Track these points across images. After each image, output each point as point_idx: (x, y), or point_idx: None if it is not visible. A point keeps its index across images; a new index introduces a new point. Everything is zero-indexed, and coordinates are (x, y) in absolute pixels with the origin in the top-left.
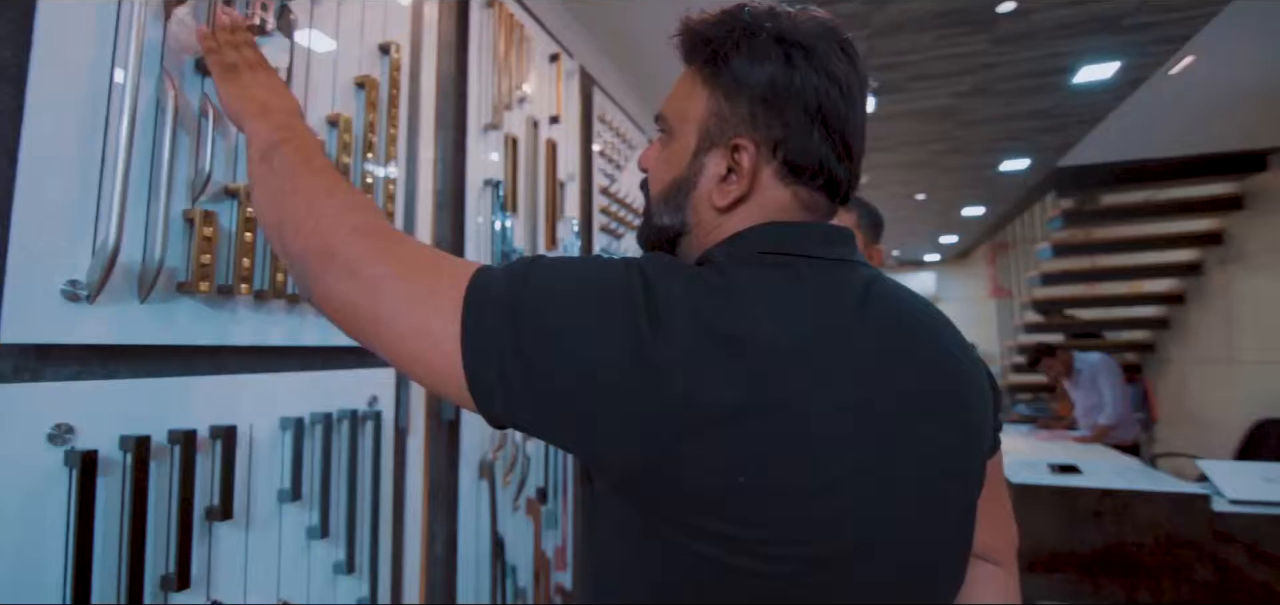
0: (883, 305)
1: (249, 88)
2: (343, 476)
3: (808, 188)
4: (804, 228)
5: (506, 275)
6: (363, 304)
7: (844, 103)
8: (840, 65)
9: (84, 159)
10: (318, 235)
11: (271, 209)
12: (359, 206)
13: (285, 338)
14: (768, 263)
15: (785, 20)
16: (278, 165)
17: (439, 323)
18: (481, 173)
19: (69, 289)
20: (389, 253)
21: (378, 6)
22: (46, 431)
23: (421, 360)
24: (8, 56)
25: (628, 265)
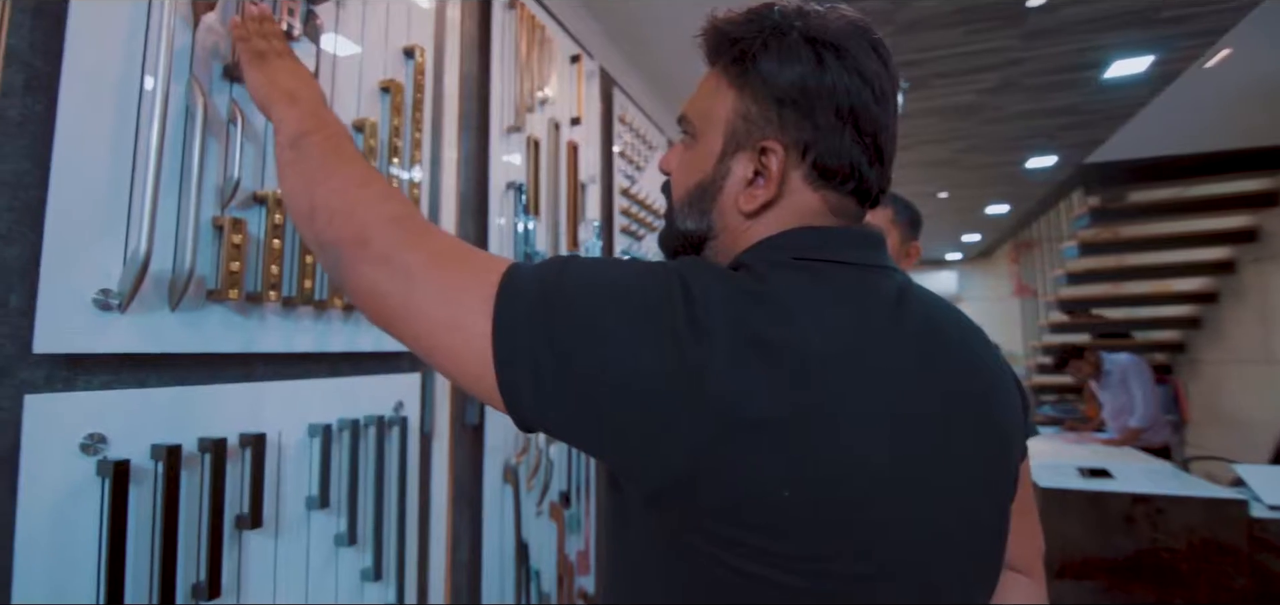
0: (916, 312)
1: (277, 75)
2: (370, 483)
3: (838, 192)
4: (837, 232)
5: (540, 272)
6: (395, 293)
7: (876, 104)
8: (872, 65)
9: (115, 167)
10: (352, 224)
11: (302, 196)
12: (392, 197)
13: (313, 344)
14: (803, 269)
15: (815, 19)
16: (308, 153)
17: (471, 317)
18: (504, 175)
19: (101, 298)
20: (423, 243)
21: (401, 9)
22: (79, 442)
23: (451, 353)
24: (39, 65)
25: (664, 268)
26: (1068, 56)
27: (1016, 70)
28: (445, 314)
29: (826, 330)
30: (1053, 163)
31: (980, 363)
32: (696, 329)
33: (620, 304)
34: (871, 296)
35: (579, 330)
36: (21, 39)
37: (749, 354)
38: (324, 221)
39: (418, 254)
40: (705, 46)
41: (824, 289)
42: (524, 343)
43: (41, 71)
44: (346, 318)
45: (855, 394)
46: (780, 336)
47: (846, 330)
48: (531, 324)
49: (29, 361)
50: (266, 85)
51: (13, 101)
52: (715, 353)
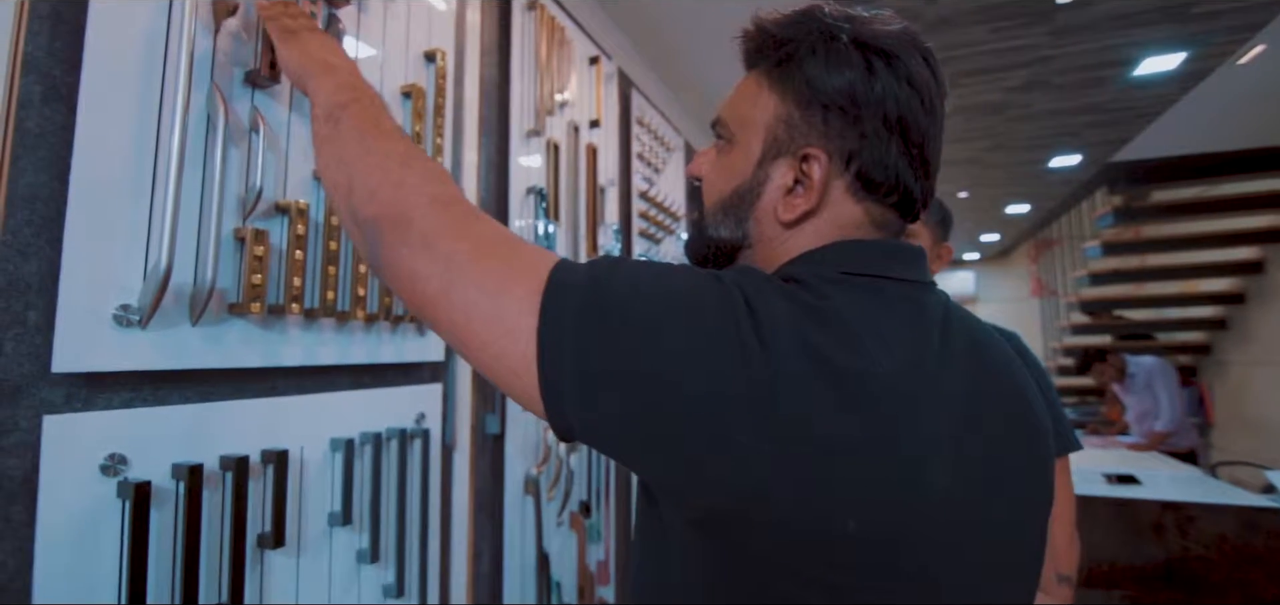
0: (960, 332)
1: (310, 47)
2: (392, 497)
3: (881, 204)
4: (884, 247)
5: (591, 270)
6: (435, 278)
7: (925, 114)
8: (923, 74)
9: (135, 179)
10: (394, 202)
11: (339, 171)
12: (436, 175)
13: (335, 356)
14: (860, 287)
15: (865, 24)
16: (346, 127)
17: (515, 312)
18: (524, 180)
19: (121, 314)
20: (468, 229)
21: (422, 13)
22: (99, 463)
23: (490, 349)
24: (58, 75)
25: (718, 277)
26: (1097, 53)
27: (1045, 68)
28: (487, 306)
29: (891, 354)
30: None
31: (1021, 381)
32: (762, 345)
33: (680, 311)
34: (924, 316)
35: (634, 335)
36: (39, 47)
37: (815, 375)
38: (363, 197)
39: (462, 240)
40: (745, 48)
41: (882, 308)
42: (571, 344)
43: (60, 81)
44: (368, 329)
45: (919, 422)
46: (846, 360)
47: (908, 354)
48: (581, 324)
49: (48, 381)
50: (300, 56)
51: (30, 112)
52: (781, 372)
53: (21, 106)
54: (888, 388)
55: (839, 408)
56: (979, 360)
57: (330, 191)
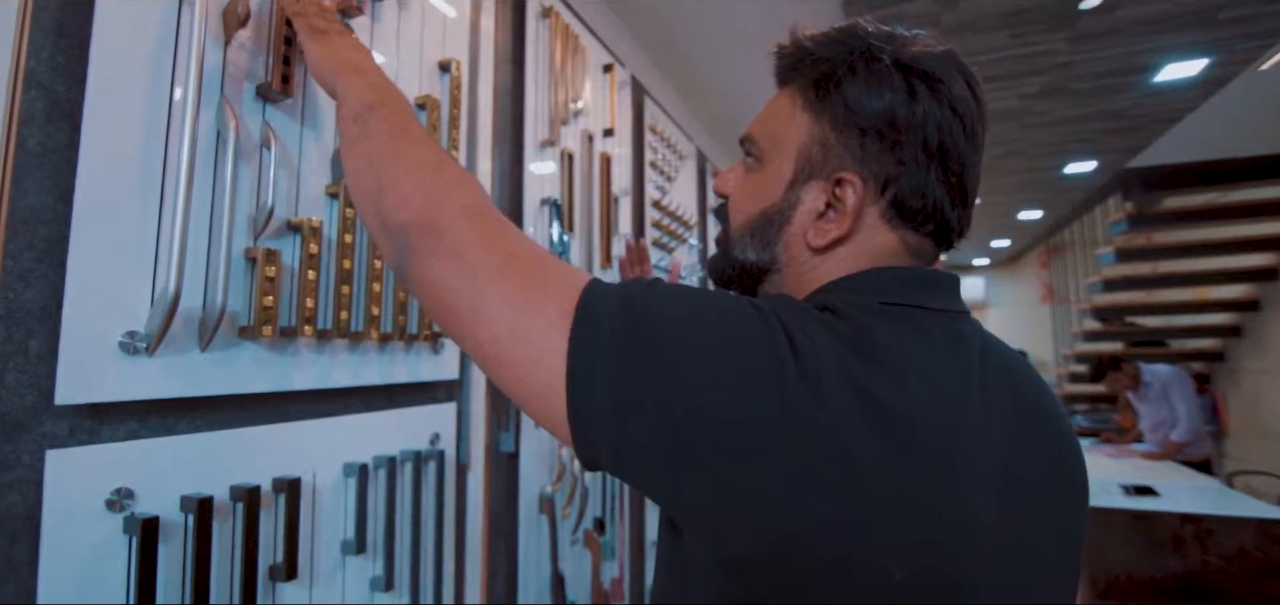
0: (997, 364)
1: (339, 48)
2: (406, 522)
3: (917, 233)
4: (921, 276)
5: (625, 292)
6: (463, 292)
7: (966, 141)
8: (966, 99)
9: (142, 198)
10: (426, 210)
11: (368, 174)
12: (466, 184)
13: (348, 378)
14: (895, 317)
15: (908, 45)
16: (376, 130)
17: (544, 332)
18: (539, 190)
19: (127, 341)
20: (499, 242)
21: (436, 23)
22: (105, 498)
23: (516, 368)
24: (61, 91)
25: (759, 307)
26: (1119, 60)
27: (1063, 74)
28: (515, 323)
29: (935, 391)
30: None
31: (1056, 412)
32: (804, 379)
33: (719, 341)
34: (965, 351)
35: (671, 365)
36: (41, 62)
37: (860, 414)
38: (393, 204)
39: (492, 254)
40: (779, 64)
41: (924, 342)
42: (604, 370)
43: (63, 97)
44: (382, 348)
45: (965, 465)
46: (891, 398)
47: (952, 393)
48: (614, 350)
49: (51, 413)
50: (328, 56)
51: (32, 130)
52: (824, 409)
53: (23, 124)
54: (934, 430)
55: (884, 449)
56: (1017, 394)
57: (357, 195)
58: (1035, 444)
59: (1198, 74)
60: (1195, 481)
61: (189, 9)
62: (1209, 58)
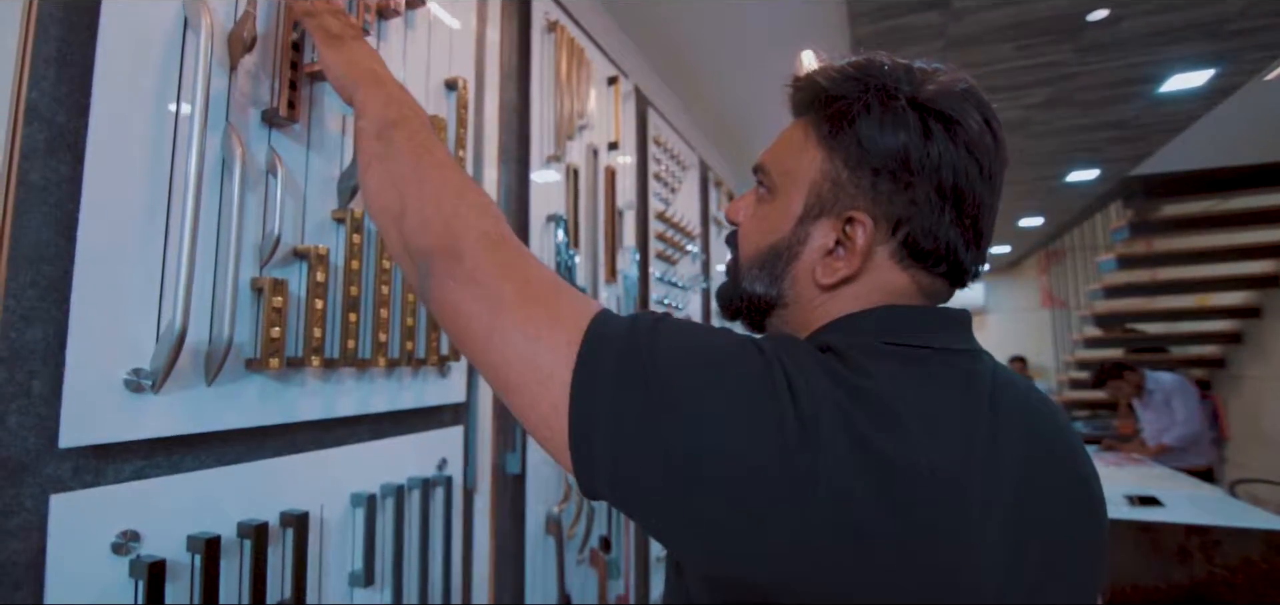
0: (1011, 405)
1: (356, 56)
2: (414, 552)
3: (929, 273)
4: (928, 314)
5: (631, 328)
6: (479, 317)
7: (982, 182)
8: (984, 140)
9: (146, 230)
10: (447, 235)
11: (391, 194)
12: (487, 210)
13: (355, 407)
14: (899, 358)
15: (925, 83)
16: (398, 148)
17: (550, 360)
18: (544, 206)
19: (133, 379)
20: (516, 270)
21: (443, 40)
22: (111, 541)
23: (524, 393)
24: (62, 121)
25: (762, 348)
26: (1124, 70)
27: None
28: (526, 350)
29: (937, 442)
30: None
31: (1075, 451)
32: (802, 426)
33: (720, 384)
34: (972, 392)
35: (670, 405)
36: (43, 93)
37: (857, 463)
38: (415, 226)
39: (509, 281)
40: (795, 95)
41: (928, 386)
42: (605, 404)
43: (65, 128)
44: (389, 374)
45: (966, 519)
46: (889, 447)
47: (955, 440)
48: (617, 385)
49: (54, 455)
50: (345, 65)
51: (34, 163)
52: (821, 458)
53: (25, 158)
54: (931, 482)
55: (879, 501)
56: (1032, 434)
57: (378, 214)
58: (1051, 485)
59: (1203, 84)
60: (1199, 491)
61: (194, 35)
62: (1215, 68)
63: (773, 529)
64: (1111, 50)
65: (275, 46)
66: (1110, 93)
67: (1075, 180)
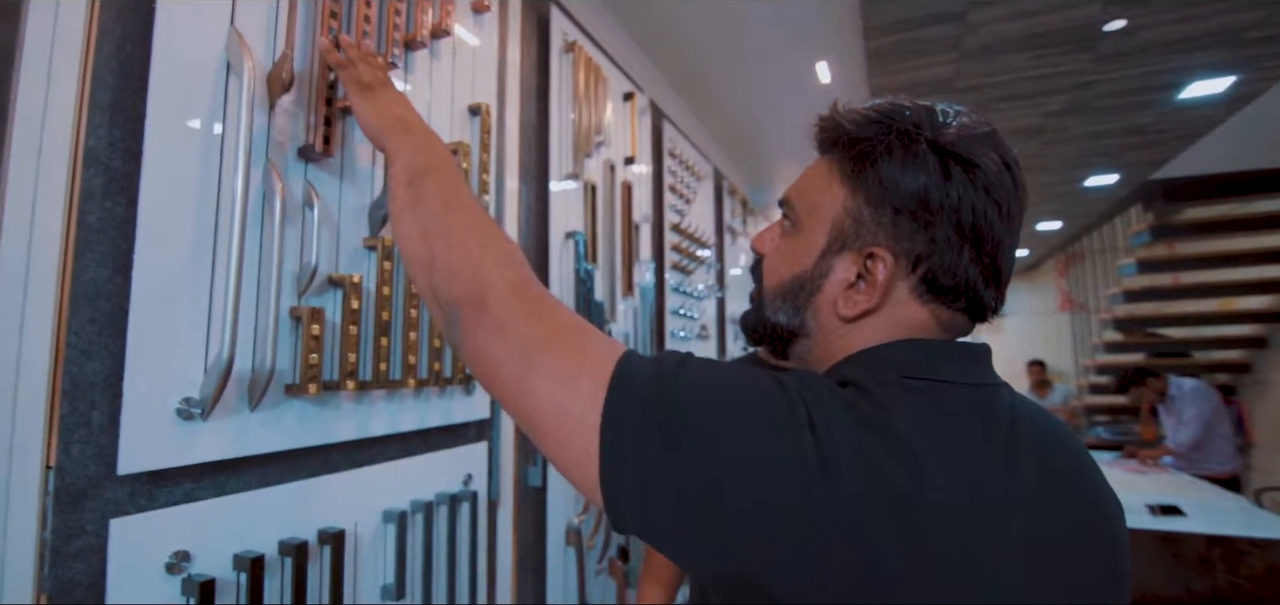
0: (1030, 436)
1: (386, 104)
2: (442, 565)
3: (949, 308)
4: (947, 349)
5: (656, 370)
6: (509, 364)
7: (1001, 222)
8: (1003, 183)
9: (195, 264)
10: (475, 285)
11: (420, 243)
12: (512, 259)
13: (385, 426)
14: (917, 392)
15: (947, 129)
16: (428, 196)
17: (580, 405)
18: (563, 224)
19: (183, 407)
20: (542, 317)
21: (466, 67)
22: (165, 561)
23: (556, 437)
24: (118, 166)
25: (784, 385)
26: (1142, 78)
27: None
28: (556, 395)
29: (953, 478)
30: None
31: (1094, 481)
32: (822, 464)
33: (741, 424)
34: (990, 426)
35: (694, 446)
36: (100, 139)
37: (873, 500)
38: (443, 277)
39: (536, 327)
40: (819, 133)
41: (945, 421)
42: (632, 447)
43: (120, 172)
44: (417, 394)
45: (981, 556)
46: (905, 484)
47: (972, 476)
48: (643, 429)
49: (113, 481)
50: (377, 115)
51: (92, 206)
52: (840, 494)
53: (83, 201)
54: (946, 520)
55: (894, 537)
56: (1050, 468)
57: (409, 262)
58: (1069, 518)
59: (1223, 91)
60: (1223, 500)
61: (236, 78)
62: (1235, 75)
63: (796, 564)
64: (1130, 58)
65: (310, 85)
66: (1128, 100)
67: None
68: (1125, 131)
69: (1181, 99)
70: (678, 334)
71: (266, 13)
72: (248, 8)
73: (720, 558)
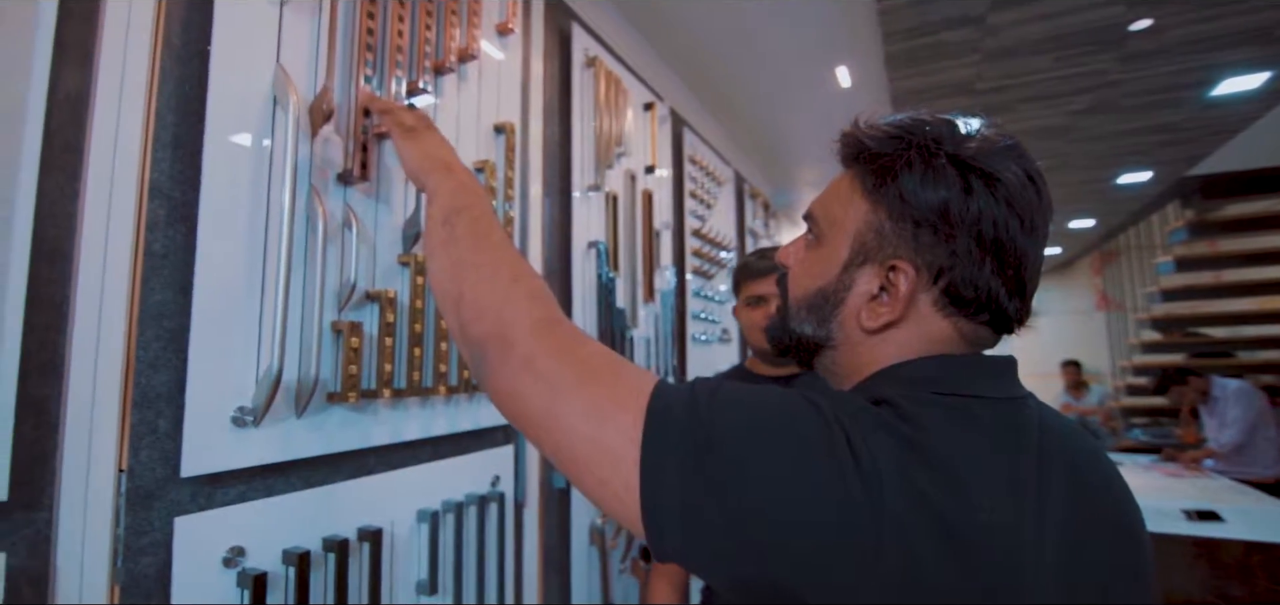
0: (1058, 450)
1: (428, 146)
2: (472, 562)
3: (971, 321)
4: (974, 363)
5: (690, 401)
6: (538, 402)
7: (1024, 235)
8: (1025, 195)
9: (247, 284)
10: (500, 323)
11: (451, 280)
12: (540, 296)
13: (418, 431)
14: (949, 408)
15: (967, 142)
16: (459, 234)
17: (617, 441)
18: (585, 234)
19: (238, 415)
20: (570, 353)
21: (491, 88)
22: (222, 556)
23: (594, 473)
24: (178, 197)
25: (819, 408)
26: (1170, 76)
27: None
28: (591, 432)
29: (993, 497)
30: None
31: (1118, 492)
32: (864, 487)
33: (781, 448)
34: (1021, 442)
35: (734, 476)
36: (162, 173)
37: (919, 522)
38: (471, 314)
39: (565, 363)
40: (842, 149)
41: (976, 436)
42: (673, 480)
43: (180, 202)
44: (448, 401)
45: (1024, 571)
46: (946, 502)
47: (1009, 493)
48: (682, 462)
49: (176, 483)
50: (420, 157)
51: (157, 234)
52: (882, 512)
53: (149, 228)
54: (990, 541)
55: (939, 558)
56: (1077, 480)
57: (440, 299)
58: (1096, 529)
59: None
60: (1262, 504)
61: (282, 112)
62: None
63: (838, 583)
64: (1156, 57)
65: (348, 114)
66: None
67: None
68: (1156, 129)
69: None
70: (699, 337)
71: (308, 48)
72: (291, 45)
73: (765, 583)
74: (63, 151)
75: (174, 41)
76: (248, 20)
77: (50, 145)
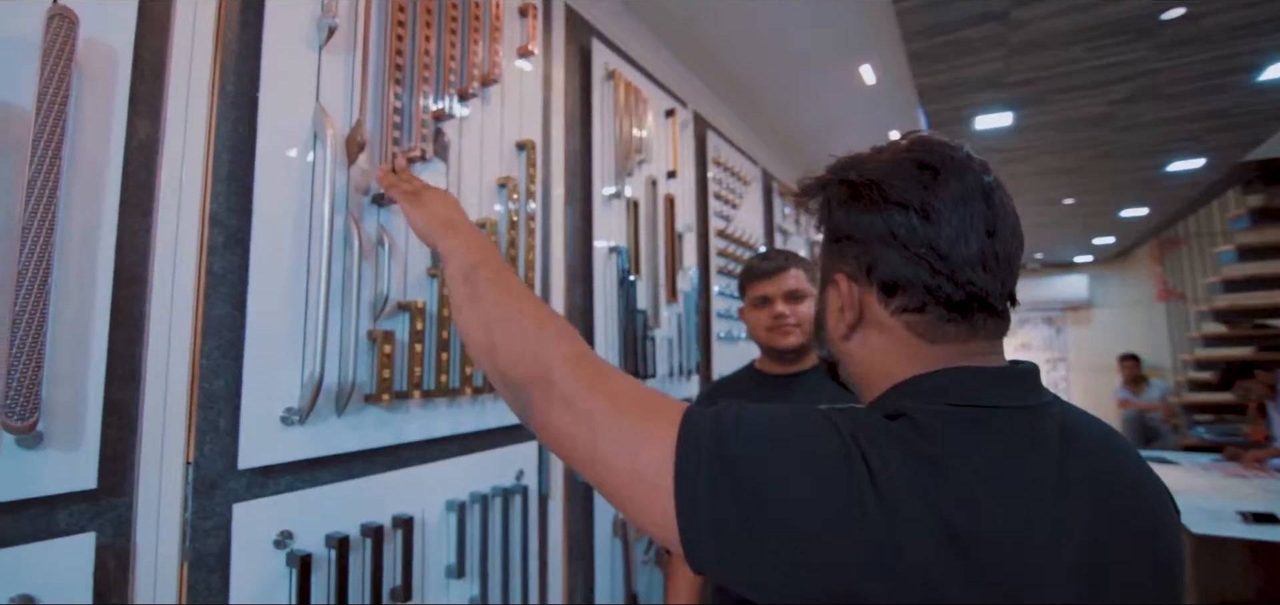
0: (1081, 455)
1: (433, 208)
2: (497, 550)
3: (924, 315)
4: (990, 373)
5: (716, 428)
6: (580, 436)
7: (919, 219)
8: (914, 191)
9: (292, 299)
10: (537, 365)
11: (480, 331)
12: (566, 334)
13: (447, 428)
14: (964, 419)
15: (862, 165)
16: (482, 289)
17: (653, 469)
18: (606, 240)
19: (286, 415)
20: (601, 386)
21: (514, 106)
22: (273, 539)
23: (634, 501)
24: (233, 224)
25: (839, 428)
26: (1212, 63)
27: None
28: (628, 463)
29: (1007, 506)
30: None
31: (1148, 493)
32: (881, 502)
33: (803, 468)
34: (1038, 449)
35: (759, 489)
36: (220, 204)
37: (932, 534)
38: (507, 361)
39: (598, 398)
40: None
41: (996, 447)
42: (705, 503)
43: (235, 228)
44: (474, 400)
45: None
46: (961, 517)
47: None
48: (713, 484)
49: (234, 474)
50: (428, 219)
51: (216, 257)
52: (898, 529)
53: (209, 253)
54: (1001, 553)
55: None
56: (1102, 484)
57: (472, 349)
58: (1123, 532)
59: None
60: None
61: (322, 146)
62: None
63: (861, 595)
64: (1195, 45)
65: (380, 143)
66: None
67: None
68: (1204, 115)
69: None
70: (725, 335)
71: (343, 83)
72: (329, 83)
73: (794, 594)
74: (137, 190)
75: (228, 90)
76: (290, 66)
77: (127, 185)
